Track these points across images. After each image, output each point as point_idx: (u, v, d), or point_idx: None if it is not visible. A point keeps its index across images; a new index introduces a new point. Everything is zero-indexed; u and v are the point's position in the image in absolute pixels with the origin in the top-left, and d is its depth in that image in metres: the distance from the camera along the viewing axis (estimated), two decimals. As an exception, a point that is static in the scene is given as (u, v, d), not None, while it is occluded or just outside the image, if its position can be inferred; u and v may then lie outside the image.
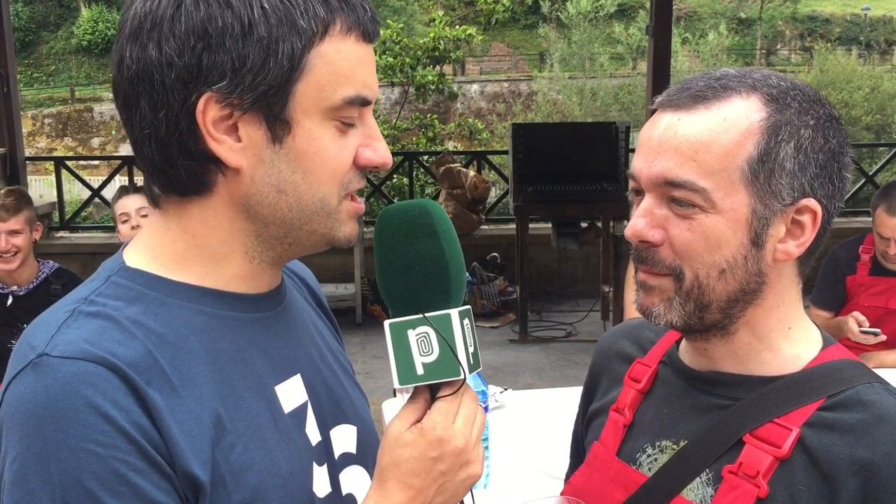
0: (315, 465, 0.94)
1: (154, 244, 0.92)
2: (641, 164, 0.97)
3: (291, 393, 0.94)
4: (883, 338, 3.15)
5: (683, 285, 0.96)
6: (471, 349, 0.91)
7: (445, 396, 0.90)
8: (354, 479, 1.02)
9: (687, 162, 0.93)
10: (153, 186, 0.91)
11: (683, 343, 1.08)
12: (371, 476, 1.04)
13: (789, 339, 1.01)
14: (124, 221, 3.31)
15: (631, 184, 1.01)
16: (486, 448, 2.30)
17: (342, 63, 0.86)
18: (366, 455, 1.05)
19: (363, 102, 0.88)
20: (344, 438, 1.02)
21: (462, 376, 0.90)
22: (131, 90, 0.85)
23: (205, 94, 0.83)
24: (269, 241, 0.91)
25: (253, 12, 0.82)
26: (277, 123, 0.85)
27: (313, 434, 0.96)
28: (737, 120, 0.93)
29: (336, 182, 0.89)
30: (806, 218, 0.96)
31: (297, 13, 0.83)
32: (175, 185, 0.89)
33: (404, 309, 0.91)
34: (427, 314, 0.90)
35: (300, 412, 0.95)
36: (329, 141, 0.87)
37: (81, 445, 0.76)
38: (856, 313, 3.20)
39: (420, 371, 0.90)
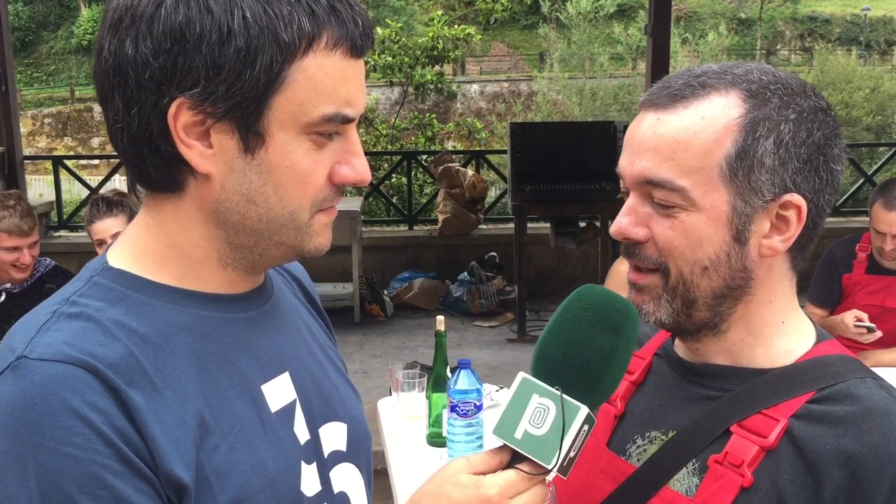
0: (304, 463, 0.93)
1: (136, 243, 0.91)
2: (626, 163, 0.98)
3: (279, 391, 0.93)
4: (879, 334, 3.14)
5: (669, 281, 0.97)
6: (572, 454, 0.88)
7: (522, 470, 0.88)
8: (345, 477, 1.01)
9: (665, 161, 0.94)
10: (133, 180, 0.91)
11: (677, 341, 1.09)
12: (362, 474, 1.04)
13: (783, 333, 1.01)
14: (100, 245, 3.15)
15: (621, 182, 1.02)
16: (480, 447, 2.30)
17: (324, 79, 0.84)
18: (357, 452, 1.04)
19: (344, 120, 0.86)
20: (334, 436, 1.01)
21: (549, 468, 0.87)
22: (107, 82, 0.84)
23: (177, 99, 0.81)
24: (240, 250, 0.90)
25: (233, 21, 0.80)
26: (251, 135, 0.83)
27: (302, 432, 0.95)
28: (714, 118, 0.93)
29: (308, 197, 0.87)
30: (791, 213, 0.95)
31: (280, 25, 0.81)
32: (147, 181, 0.88)
33: (545, 373, 0.90)
34: (564, 394, 0.88)
35: (288, 411, 0.94)
36: (303, 155, 0.85)
37: (59, 448, 0.75)
38: (856, 311, 3.20)
39: (518, 435, 0.88)
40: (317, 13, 0.83)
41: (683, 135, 0.93)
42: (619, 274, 3.55)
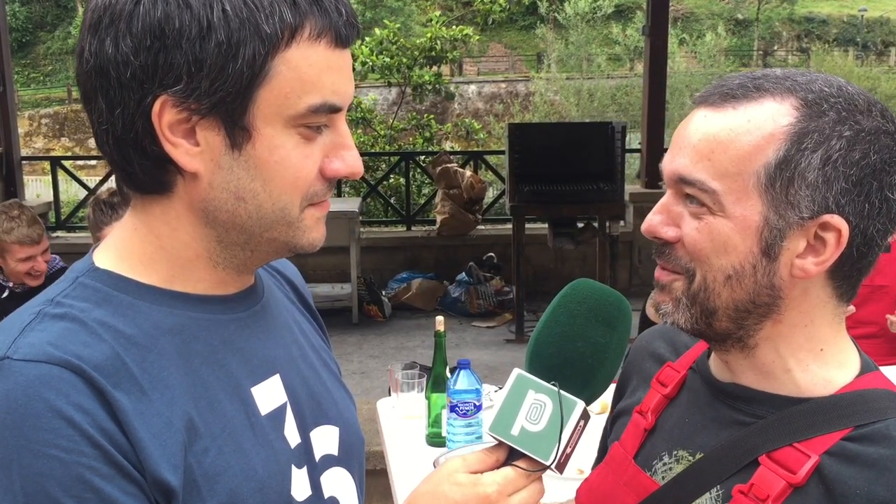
0: (294, 467, 0.92)
1: (123, 244, 0.90)
2: (666, 159, 0.95)
3: (269, 394, 0.92)
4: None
5: (692, 287, 0.93)
6: (569, 449, 0.88)
7: (520, 468, 0.87)
8: (337, 482, 1.00)
9: (702, 161, 0.90)
10: (120, 183, 0.89)
11: (711, 356, 1.05)
12: (354, 478, 1.03)
13: (820, 361, 0.95)
14: None
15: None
16: (480, 446, 2.31)
17: (309, 70, 0.82)
18: (349, 457, 1.02)
19: (331, 110, 0.85)
20: (325, 440, 0.99)
21: (547, 464, 0.86)
22: (89, 84, 0.83)
23: (161, 97, 0.80)
24: (231, 248, 0.89)
25: (213, 14, 0.78)
26: (237, 130, 0.82)
27: (292, 436, 0.93)
28: (762, 122, 0.88)
29: (298, 192, 0.86)
30: (829, 236, 0.88)
31: (262, 17, 0.79)
32: (135, 183, 0.87)
33: (540, 369, 0.90)
34: (561, 390, 0.87)
35: (278, 414, 0.92)
36: (292, 149, 0.84)
37: (44, 451, 0.74)
38: None
39: (514, 432, 0.87)
40: (298, 4, 0.81)
41: (725, 135, 0.89)
42: None
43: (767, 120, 0.88)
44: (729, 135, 0.89)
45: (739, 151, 0.89)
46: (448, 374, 2.48)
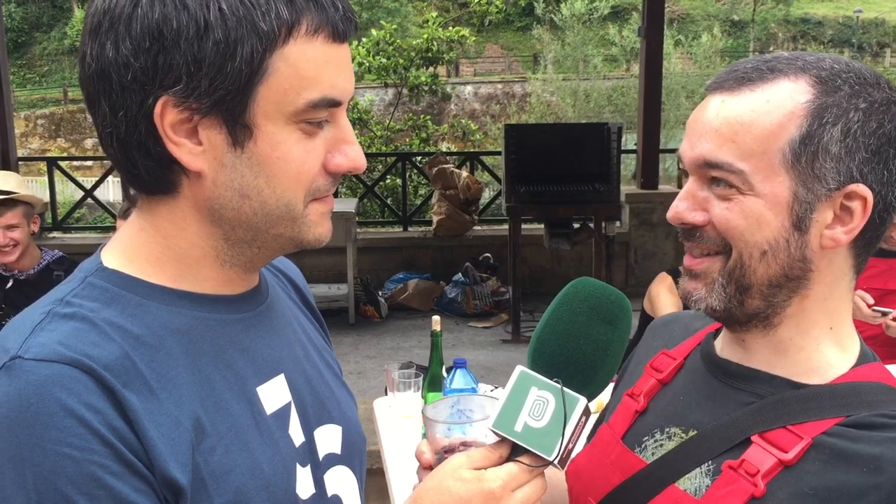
0: (299, 466, 0.93)
1: (130, 244, 0.91)
2: (686, 147, 0.97)
3: (274, 394, 0.93)
4: (893, 314, 3.13)
5: (728, 264, 0.95)
6: (571, 445, 0.89)
7: (523, 463, 0.88)
8: (340, 480, 1.01)
9: (726, 143, 0.92)
10: (126, 184, 0.90)
11: (721, 335, 1.06)
12: (356, 476, 1.04)
13: (828, 341, 0.97)
14: None
15: (680, 164, 1.01)
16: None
17: (307, 65, 0.83)
18: (351, 455, 1.04)
19: (331, 104, 0.86)
20: (328, 439, 1.00)
21: (550, 459, 0.87)
22: (92, 88, 0.84)
23: (161, 98, 0.81)
24: (237, 245, 0.90)
25: (210, 14, 0.79)
26: (238, 128, 0.83)
27: (297, 435, 0.95)
28: (781, 102, 0.91)
29: (302, 187, 0.87)
30: (855, 204, 0.92)
31: (258, 14, 0.80)
32: (140, 184, 0.88)
33: (543, 366, 0.91)
34: (564, 388, 0.89)
35: (283, 413, 0.94)
36: (294, 145, 0.85)
37: (56, 449, 0.75)
38: (860, 292, 3.17)
39: (518, 428, 0.88)
40: (295, 0, 0.82)
41: (747, 117, 0.92)
42: (661, 292, 3.51)
43: (786, 98, 0.91)
44: (751, 115, 0.92)
45: (763, 131, 0.91)
46: (444, 374, 2.49)
